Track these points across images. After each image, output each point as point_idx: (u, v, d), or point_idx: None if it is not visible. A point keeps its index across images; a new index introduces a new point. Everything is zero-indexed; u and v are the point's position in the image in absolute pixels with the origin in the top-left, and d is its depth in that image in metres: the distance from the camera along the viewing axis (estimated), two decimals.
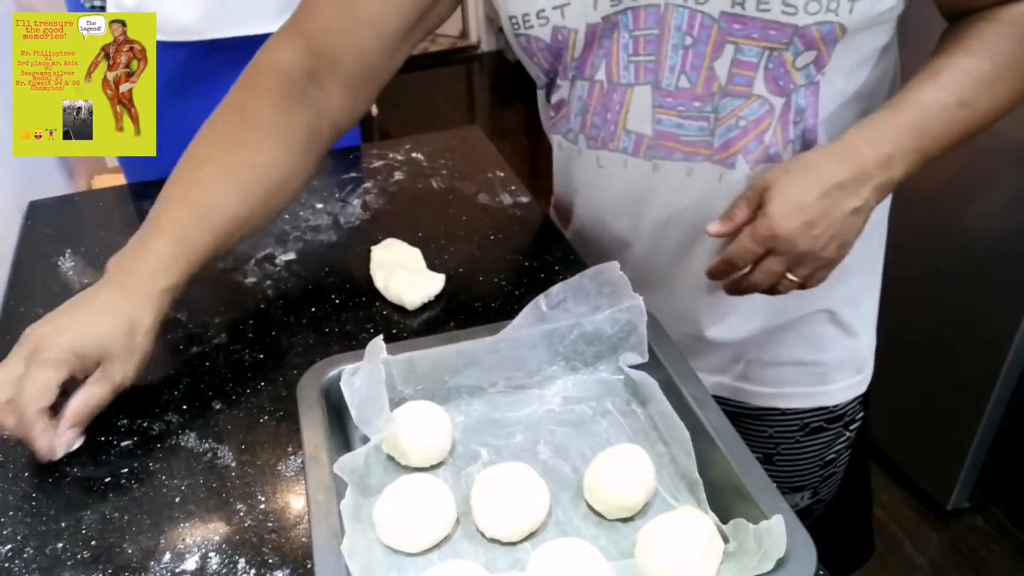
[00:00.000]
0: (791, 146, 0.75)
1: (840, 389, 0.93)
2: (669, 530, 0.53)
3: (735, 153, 0.75)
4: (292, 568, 0.58)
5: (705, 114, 0.74)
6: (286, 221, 0.97)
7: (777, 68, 0.70)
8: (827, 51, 0.69)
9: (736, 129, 0.73)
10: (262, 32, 1.02)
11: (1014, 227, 1.46)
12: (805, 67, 0.70)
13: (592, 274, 0.66)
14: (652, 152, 0.77)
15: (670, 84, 0.73)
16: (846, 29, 0.68)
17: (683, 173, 0.77)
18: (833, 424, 0.95)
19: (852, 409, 0.95)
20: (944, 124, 0.69)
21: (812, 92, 0.72)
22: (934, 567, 1.73)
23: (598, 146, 0.80)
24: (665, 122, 0.75)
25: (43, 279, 0.89)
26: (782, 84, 0.71)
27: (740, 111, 0.73)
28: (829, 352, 0.90)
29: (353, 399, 0.63)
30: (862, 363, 0.93)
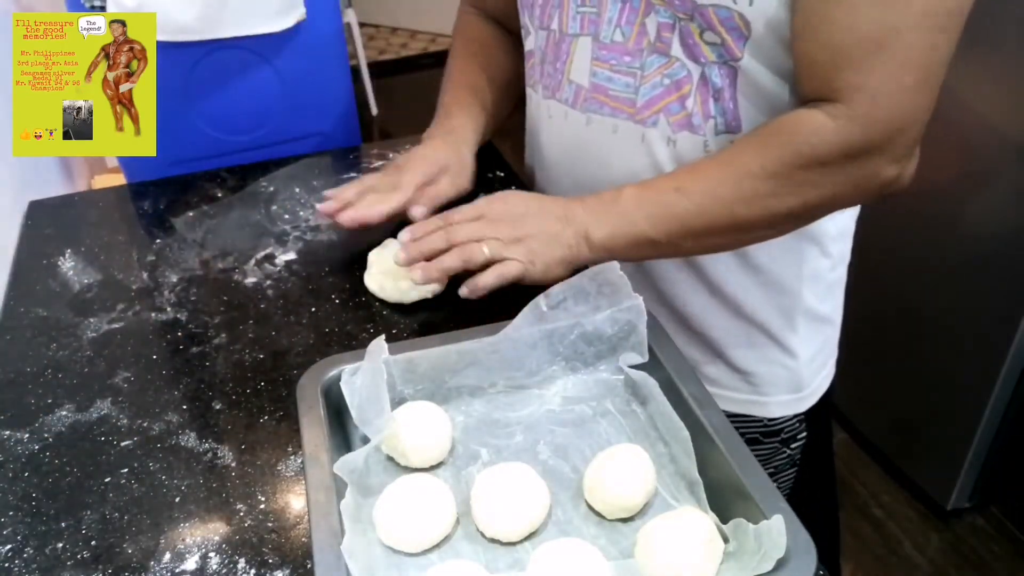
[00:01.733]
0: (713, 123, 0.75)
1: (775, 403, 0.92)
2: (669, 530, 0.53)
3: (657, 112, 0.77)
4: (292, 568, 0.58)
5: (633, 70, 0.76)
6: (286, 221, 0.97)
7: (687, 36, 0.72)
8: (734, 43, 0.70)
9: (660, 87, 0.76)
10: (262, 32, 1.02)
11: (1014, 227, 1.46)
12: (714, 46, 0.71)
13: (592, 274, 0.66)
14: (587, 105, 0.81)
15: (607, 37, 0.77)
16: (750, 25, 0.68)
17: (610, 130, 0.80)
18: (769, 439, 0.94)
19: (791, 427, 0.94)
20: (658, 207, 0.73)
21: (728, 75, 0.73)
22: (934, 567, 1.73)
23: (549, 95, 0.85)
24: (599, 75, 0.79)
25: (43, 279, 0.89)
26: (695, 53, 0.73)
27: (664, 70, 0.75)
28: (761, 365, 0.90)
29: (353, 399, 0.63)
30: (799, 384, 0.92)
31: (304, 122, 1.13)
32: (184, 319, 0.82)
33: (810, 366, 0.92)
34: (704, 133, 0.76)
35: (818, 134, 0.67)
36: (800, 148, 0.68)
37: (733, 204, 0.71)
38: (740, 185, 0.71)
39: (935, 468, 1.79)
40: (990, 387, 1.59)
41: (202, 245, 0.94)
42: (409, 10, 4.50)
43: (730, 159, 0.72)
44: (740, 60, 0.71)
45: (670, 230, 0.73)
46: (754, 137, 0.72)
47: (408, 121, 3.63)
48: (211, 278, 0.88)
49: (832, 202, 0.73)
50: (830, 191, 0.71)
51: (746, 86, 0.73)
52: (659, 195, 0.73)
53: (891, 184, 0.70)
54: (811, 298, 0.88)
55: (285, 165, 1.10)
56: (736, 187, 0.71)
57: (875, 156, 0.68)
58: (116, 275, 0.89)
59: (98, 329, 0.81)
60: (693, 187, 0.72)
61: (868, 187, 0.70)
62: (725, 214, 0.72)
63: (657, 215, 0.73)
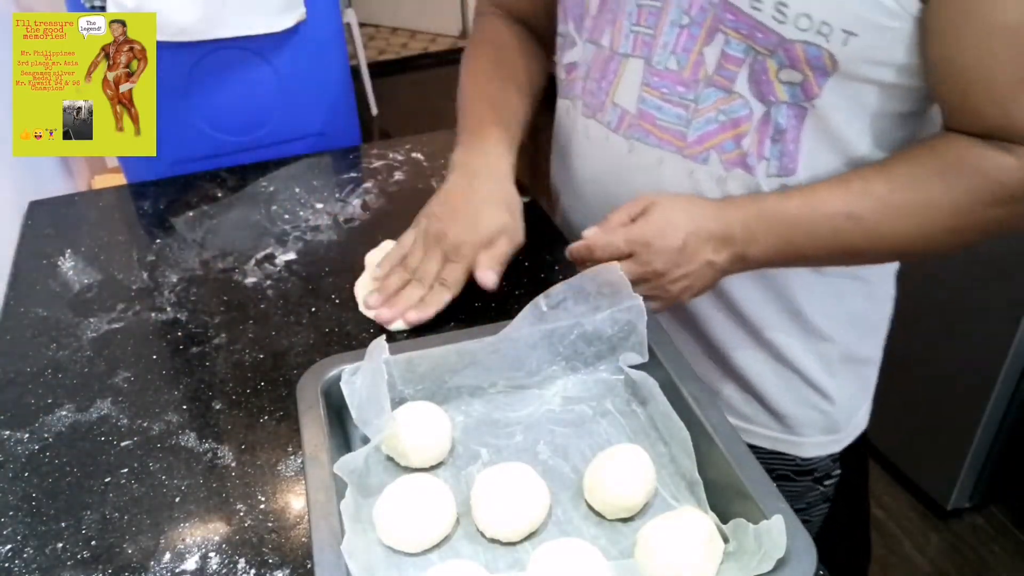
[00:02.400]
0: (766, 165, 0.72)
1: (809, 444, 0.90)
2: (669, 530, 0.53)
3: (709, 148, 0.73)
4: (292, 568, 0.58)
5: (686, 101, 0.72)
6: (286, 221, 0.97)
7: (760, 73, 0.68)
8: (815, 80, 0.67)
9: (715, 123, 0.72)
10: (262, 32, 1.02)
11: None
12: (790, 84, 0.68)
13: (592, 274, 0.66)
14: (631, 131, 0.77)
15: (660, 62, 0.72)
16: (837, 63, 0.66)
17: (654, 161, 0.76)
18: (801, 476, 0.92)
19: (825, 465, 0.92)
20: (825, 230, 0.69)
21: (796, 116, 0.70)
22: (934, 567, 1.73)
23: (590, 114, 0.80)
24: (648, 101, 0.74)
25: (43, 279, 0.89)
26: (764, 90, 0.69)
27: (721, 105, 0.71)
28: (796, 407, 0.87)
29: (353, 399, 0.63)
30: (835, 426, 0.89)
31: (304, 122, 1.13)
32: (184, 319, 0.82)
33: (846, 408, 0.89)
34: (757, 174, 0.73)
35: (1006, 172, 0.65)
36: (992, 188, 0.66)
37: (908, 241, 0.69)
38: (924, 221, 0.68)
39: (935, 468, 1.79)
40: (990, 387, 1.59)
41: (202, 245, 0.94)
42: (409, 10, 4.50)
43: (912, 191, 0.68)
44: (817, 98, 0.68)
45: (832, 253, 0.71)
46: (934, 167, 0.67)
47: (408, 121, 3.63)
48: (211, 278, 0.88)
49: (1011, 232, 0.71)
50: (1008, 225, 0.68)
51: (815, 128, 0.70)
52: (830, 219, 0.69)
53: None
54: (852, 342, 0.85)
55: (285, 165, 1.10)
56: (920, 223, 0.68)
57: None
58: (116, 275, 0.89)
59: (98, 329, 0.81)
60: (869, 216, 0.68)
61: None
62: (901, 249, 0.71)
63: (823, 239, 0.70)
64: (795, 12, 0.64)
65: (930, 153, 0.68)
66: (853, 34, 0.64)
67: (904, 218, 0.68)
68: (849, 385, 0.88)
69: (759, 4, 0.65)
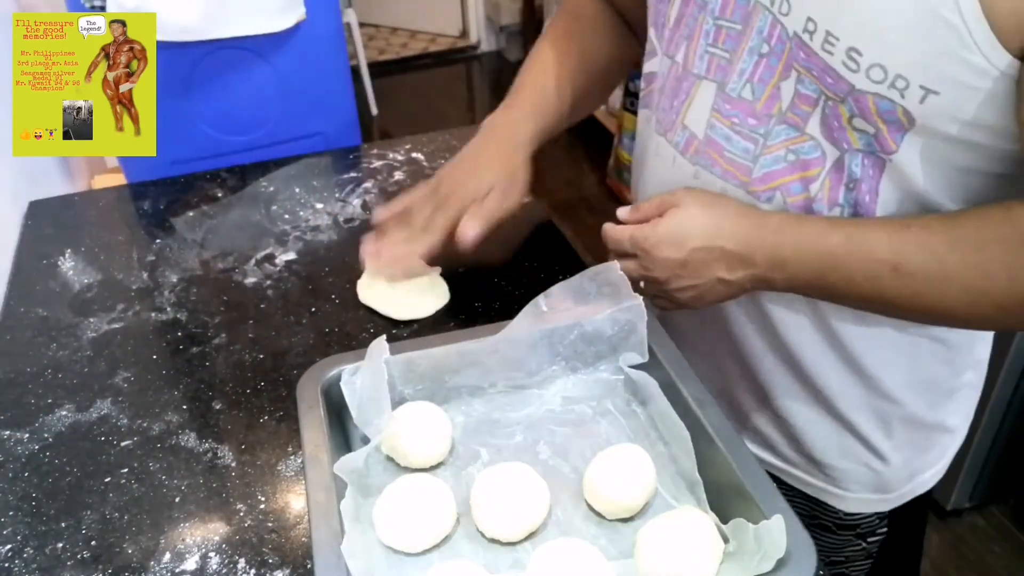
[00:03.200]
0: (839, 212, 0.65)
1: (854, 499, 0.82)
2: (669, 530, 0.53)
3: (775, 187, 0.67)
4: (292, 568, 0.58)
5: (756, 135, 0.67)
6: (286, 221, 0.97)
7: (832, 118, 0.62)
8: (890, 135, 0.60)
9: (783, 162, 0.66)
10: (262, 32, 1.02)
11: None
12: (863, 133, 0.61)
13: (592, 274, 0.66)
14: (697, 157, 0.71)
15: (734, 90, 0.67)
16: (913, 120, 0.58)
17: (717, 191, 0.70)
18: (843, 531, 0.85)
19: (870, 522, 0.84)
20: (864, 275, 0.62)
21: (873, 166, 0.62)
22: (934, 567, 1.73)
23: (661, 132, 0.75)
24: (717, 129, 0.69)
25: (43, 279, 0.89)
26: (837, 136, 0.62)
27: (792, 144, 0.65)
28: (843, 460, 0.80)
29: (353, 399, 0.63)
30: (886, 487, 0.81)
31: (304, 122, 1.13)
32: (184, 319, 0.82)
33: (903, 471, 0.81)
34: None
35: None
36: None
37: (956, 308, 0.61)
38: (971, 292, 0.59)
39: None
40: (990, 387, 1.59)
41: (202, 245, 0.94)
42: (409, 10, 4.50)
43: (972, 250, 0.59)
44: (893, 155, 0.61)
45: (866, 301, 0.64)
46: (997, 240, 0.58)
47: (408, 121, 3.63)
48: (211, 278, 0.88)
49: None
50: None
51: (893, 181, 0.62)
52: (873, 266, 0.61)
53: None
54: (919, 405, 0.77)
55: (285, 165, 1.10)
56: (966, 293, 0.59)
57: None
58: (116, 275, 0.89)
59: (98, 329, 0.81)
60: (917, 273, 0.60)
61: None
62: (940, 314, 0.62)
63: (861, 285, 0.62)
64: (869, 62, 0.56)
65: (1003, 217, 0.58)
66: (933, 92, 0.55)
67: (954, 284, 0.60)
68: (909, 448, 0.79)
69: (831, 47, 0.58)
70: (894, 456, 0.79)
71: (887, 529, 0.85)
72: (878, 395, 0.75)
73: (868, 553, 0.87)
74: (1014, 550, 1.74)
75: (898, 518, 0.84)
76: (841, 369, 0.74)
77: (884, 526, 0.85)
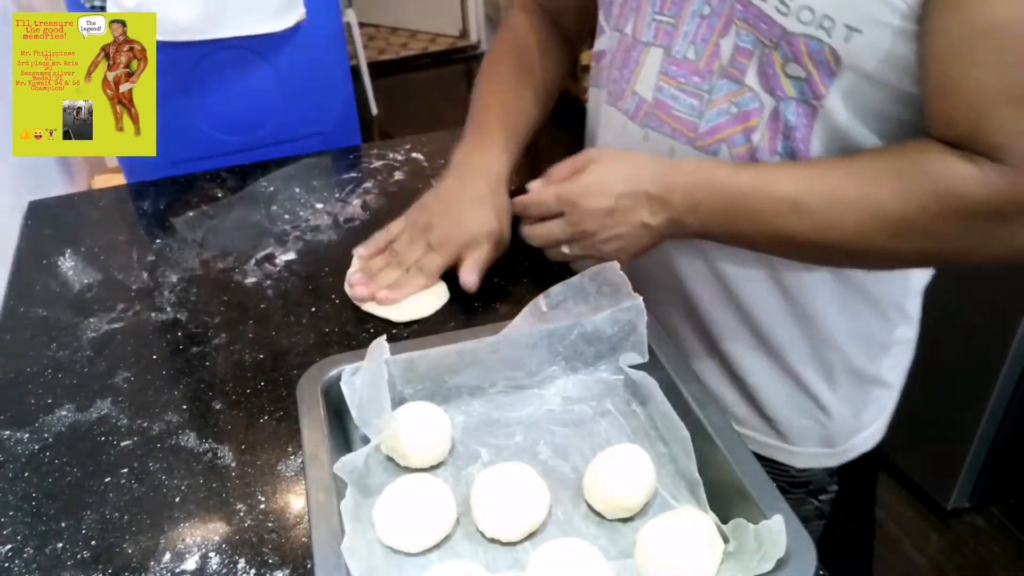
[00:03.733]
0: (778, 160, 0.70)
1: (803, 454, 0.87)
2: (669, 530, 0.53)
3: (720, 140, 0.72)
4: (292, 568, 0.58)
5: (700, 91, 0.71)
6: (286, 221, 0.97)
7: (767, 66, 0.67)
8: (820, 78, 0.65)
9: (726, 115, 0.71)
10: (262, 32, 1.02)
11: None
12: (796, 80, 0.66)
13: (592, 274, 0.66)
14: (646, 119, 0.76)
15: (679, 52, 0.72)
16: (840, 60, 0.63)
17: (666, 151, 0.75)
18: (796, 489, 0.89)
19: (820, 479, 0.89)
20: (769, 213, 0.67)
21: (806, 115, 0.67)
22: (934, 567, 1.73)
23: (611, 102, 0.80)
24: (665, 90, 0.74)
25: (43, 279, 0.89)
26: (772, 84, 0.67)
27: (734, 97, 0.70)
28: (792, 415, 0.85)
29: (353, 399, 0.63)
30: (832, 440, 0.86)
31: (304, 122, 1.13)
32: (184, 319, 0.82)
33: (848, 426, 0.86)
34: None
35: (965, 183, 0.60)
36: (946, 196, 0.61)
37: (853, 237, 0.65)
38: (868, 220, 0.64)
39: (935, 468, 1.79)
40: (990, 387, 1.59)
41: (202, 245, 0.94)
42: (409, 10, 4.50)
43: (863, 186, 0.64)
44: (824, 98, 0.65)
45: (771, 239, 0.69)
46: (892, 167, 0.64)
47: (408, 121, 3.63)
48: (211, 278, 0.88)
49: (957, 259, 0.68)
50: (960, 247, 0.64)
51: (825, 129, 0.67)
52: (775, 202, 0.66)
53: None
54: (861, 359, 0.82)
55: (285, 165, 1.10)
56: (863, 222, 0.64)
57: (1021, 220, 0.61)
58: (116, 275, 0.89)
59: (98, 329, 0.81)
60: (814, 207, 0.65)
61: (1000, 252, 0.64)
62: (837, 245, 0.66)
63: (765, 225, 0.67)
64: (798, 4, 0.62)
65: (898, 153, 0.65)
66: (856, 30, 0.61)
67: (847, 213, 0.65)
68: (853, 401, 0.85)
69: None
70: (838, 410, 0.84)
71: (837, 487, 0.90)
72: (824, 346, 0.80)
73: (821, 512, 0.91)
74: (1014, 550, 1.74)
75: (847, 475, 0.89)
76: (789, 321, 0.79)
77: (834, 483, 0.89)
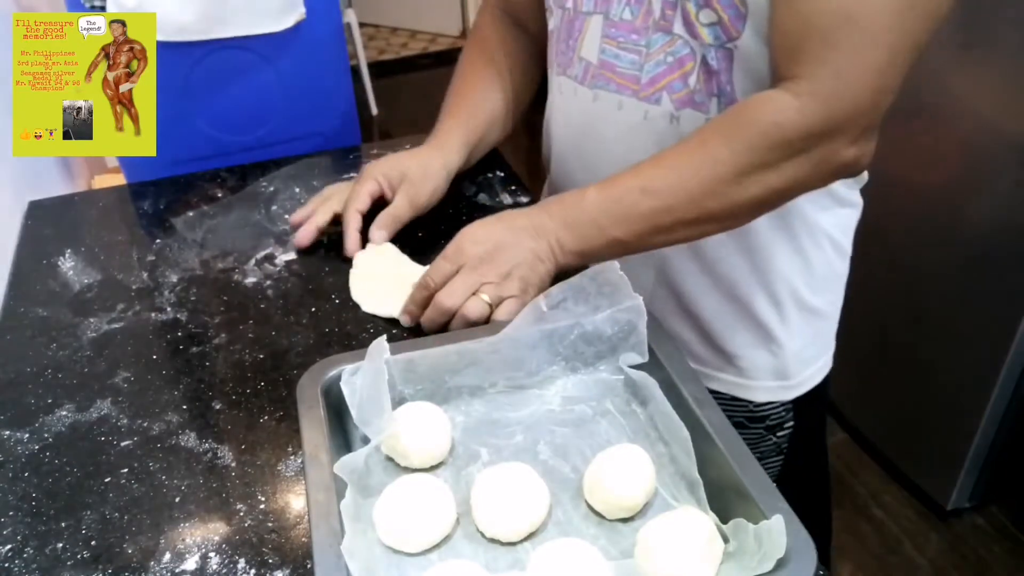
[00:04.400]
0: (716, 102, 0.75)
1: (759, 388, 0.91)
2: (669, 530, 0.53)
3: (660, 89, 0.77)
4: (292, 568, 0.58)
5: (639, 47, 0.77)
6: (286, 221, 0.97)
7: (686, 16, 0.72)
8: (731, 21, 0.70)
9: (663, 65, 0.76)
10: (262, 32, 1.02)
11: (1014, 227, 1.46)
12: (711, 26, 0.71)
13: (592, 274, 0.66)
14: (594, 81, 0.81)
15: (616, 15, 0.78)
16: (747, 2, 0.68)
17: (615, 106, 0.80)
18: (754, 424, 0.93)
19: (777, 414, 0.93)
20: (624, 207, 0.71)
21: (724, 58, 0.72)
22: (934, 567, 1.73)
23: (560, 72, 0.86)
24: (607, 51, 0.80)
25: (43, 279, 0.89)
26: (694, 33, 0.73)
27: (668, 48, 0.75)
28: (747, 349, 0.89)
29: (354, 399, 0.63)
30: (785, 372, 0.91)
31: (304, 122, 1.13)
32: (184, 319, 0.82)
33: (798, 357, 0.91)
34: (708, 110, 0.76)
35: (783, 113, 0.66)
36: (766, 129, 0.66)
37: (701, 198, 0.69)
38: (707, 176, 0.69)
39: (935, 468, 1.79)
40: (990, 387, 1.59)
41: (202, 245, 0.94)
42: (409, 10, 4.50)
43: (696, 150, 0.70)
44: (738, 40, 0.71)
45: (639, 231, 0.72)
46: (718, 123, 0.70)
47: (408, 121, 3.63)
48: (211, 278, 0.88)
49: (795, 186, 0.71)
50: (792, 174, 0.68)
51: (743, 70, 0.73)
52: (624, 197, 0.71)
53: (848, 167, 0.69)
54: (804, 289, 0.87)
55: (285, 165, 1.10)
56: (703, 180, 0.69)
57: (836, 137, 0.66)
58: (116, 275, 0.89)
59: (98, 329, 0.81)
60: (659, 184, 0.70)
61: (825, 170, 0.69)
62: (693, 209, 0.70)
63: (624, 217, 0.71)
64: None
65: (721, 115, 0.70)
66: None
67: (690, 179, 0.69)
68: (801, 333, 0.89)
69: None
70: (789, 341, 0.89)
71: (793, 423, 0.94)
72: (772, 276, 0.85)
73: (779, 448, 0.96)
74: (1014, 550, 1.74)
75: (802, 410, 0.94)
76: (738, 253, 0.83)
77: (791, 420, 0.94)
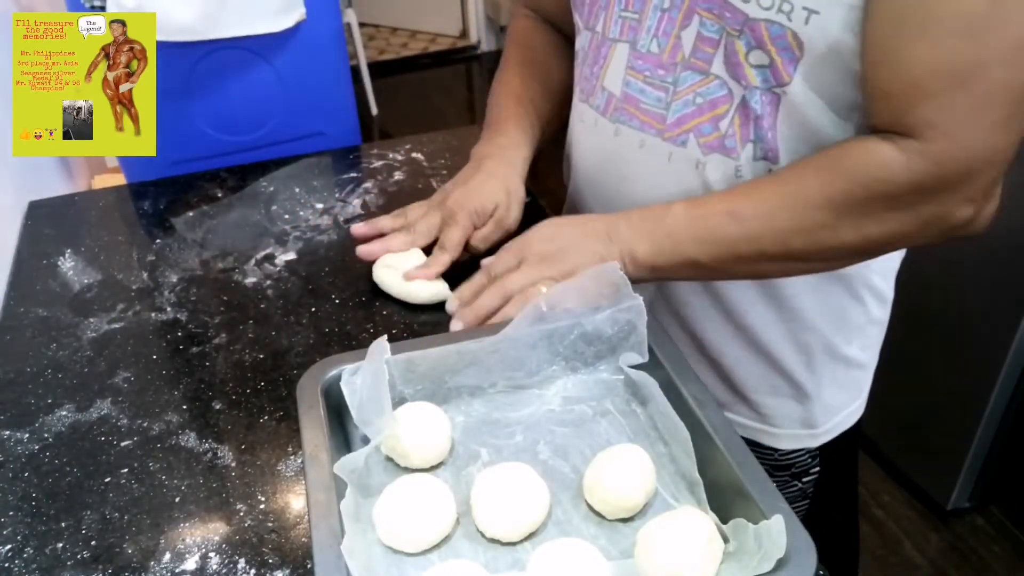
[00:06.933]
0: (751, 147, 0.71)
1: (785, 435, 0.88)
2: (669, 530, 0.53)
3: (687, 131, 0.73)
4: (292, 568, 0.58)
5: (665, 84, 0.73)
6: (286, 221, 0.97)
7: (732, 55, 0.68)
8: (783, 65, 0.66)
9: (692, 106, 0.72)
10: (262, 32, 1.02)
11: (1014, 227, 1.46)
12: (760, 68, 0.67)
13: (592, 274, 0.66)
14: (617, 114, 0.78)
15: (644, 46, 0.74)
16: (803, 45, 0.64)
17: (636, 144, 0.77)
18: (780, 472, 0.90)
19: (803, 461, 0.90)
20: (706, 228, 0.69)
21: (770, 103, 0.69)
22: (934, 567, 1.73)
23: (584, 99, 0.83)
24: (632, 85, 0.76)
25: (43, 279, 0.89)
26: (737, 74, 0.69)
27: (698, 87, 0.71)
28: (771, 398, 0.86)
29: (354, 399, 0.63)
30: (812, 422, 0.88)
31: (304, 122, 1.13)
32: (184, 319, 0.82)
33: (827, 406, 0.87)
34: (738, 156, 0.72)
35: (887, 168, 0.63)
36: (867, 182, 0.64)
37: (788, 234, 0.67)
38: (798, 215, 0.67)
39: (935, 468, 1.79)
40: (990, 387, 1.59)
41: (202, 245, 0.94)
42: (409, 10, 4.50)
43: (790, 186, 0.67)
44: (788, 85, 0.67)
45: (719, 255, 0.70)
46: (817, 164, 0.67)
47: (408, 121, 3.64)
48: (211, 278, 0.88)
49: (896, 240, 0.68)
50: (895, 228, 0.66)
51: (789, 116, 0.69)
52: (710, 217, 0.69)
53: (965, 226, 0.66)
54: (836, 340, 0.83)
55: (285, 165, 1.10)
56: (794, 217, 0.67)
57: (948, 195, 0.63)
58: (116, 275, 0.89)
59: (98, 329, 0.81)
60: (747, 212, 0.68)
61: (938, 227, 0.66)
62: (778, 243, 0.68)
63: (706, 238, 0.69)
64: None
65: (821, 154, 0.67)
66: (814, 12, 0.62)
67: (780, 212, 0.67)
68: (832, 384, 0.86)
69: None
70: (817, 391, 0.86)
71: (820, 468, 0.91)
72: (798, 327, 0.81)
73: (805, 493, 0.93)
74: (1014, 550, 1.74)
75: (829, 456, 0.91)
76: (764, 304, 0.80)
77: (817, 465, 0.91)
